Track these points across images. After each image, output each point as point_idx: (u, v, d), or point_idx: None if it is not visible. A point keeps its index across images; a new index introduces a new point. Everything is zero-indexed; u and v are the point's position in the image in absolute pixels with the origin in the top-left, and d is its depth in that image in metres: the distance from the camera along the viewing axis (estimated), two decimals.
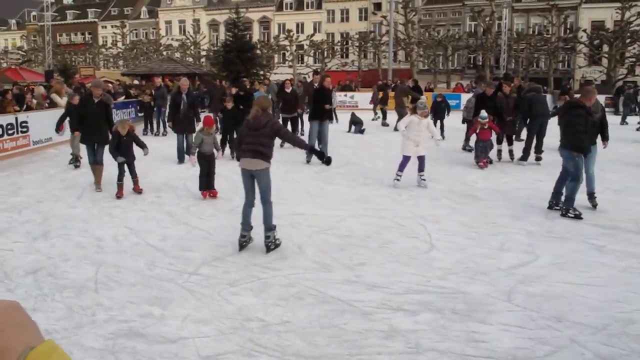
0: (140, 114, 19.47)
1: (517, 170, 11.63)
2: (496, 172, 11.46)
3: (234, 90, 16.72)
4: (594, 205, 8.31)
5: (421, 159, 9.79)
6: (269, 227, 6.29)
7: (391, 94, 23.33)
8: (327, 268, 5.82)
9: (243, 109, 12.61)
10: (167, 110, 18.00)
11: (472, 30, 53.63)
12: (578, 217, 7.78)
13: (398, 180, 9.73)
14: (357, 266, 5.87)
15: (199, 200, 8.84)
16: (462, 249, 6.47)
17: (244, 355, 4.02)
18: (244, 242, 6.36)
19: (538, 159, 12.46)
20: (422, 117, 9.69)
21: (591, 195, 8.37)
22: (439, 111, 17.45)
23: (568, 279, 5.52)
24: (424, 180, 9.83)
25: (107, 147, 9.18)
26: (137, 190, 9.30)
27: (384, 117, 21.57)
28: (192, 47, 59.94)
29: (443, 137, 15.93)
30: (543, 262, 6.02)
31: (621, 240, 6.80)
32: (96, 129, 9.40)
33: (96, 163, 9.51)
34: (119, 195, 8.97)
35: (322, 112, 12.45)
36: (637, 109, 26.63)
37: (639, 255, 6.22)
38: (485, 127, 11.71)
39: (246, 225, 6.38)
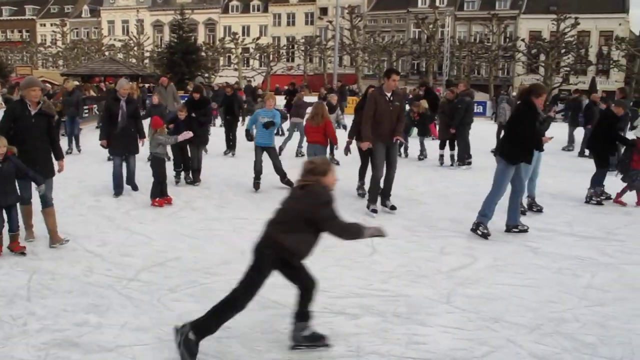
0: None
1: (458, 175, 11.90)
2: (437, 177, 11.69)
3: (155, 100, 13.02)
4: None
5: None
6: None
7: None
8: None
9: (197, 117, 10.09)
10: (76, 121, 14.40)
11: (416, 37, 54.85)
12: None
13: None
14: None
15: (139, 204, 8.64)
16: (404, 252, 6.55)
17: None
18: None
19: (469, 163, 12.85)
20: None
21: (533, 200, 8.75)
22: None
23: (506, 280, 5.67)
24: None
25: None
26: (16, 249, 6.09)
27: None
28: (135, 48, 58.85)
29: None
30: (482, 264, 6.17)
31: (556, 243, 7.04)
32: (34, 152, 6.29)
33: (42, 203, 6.41)
34: None
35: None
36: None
37: (572, 257, 6.46)
38: None
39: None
